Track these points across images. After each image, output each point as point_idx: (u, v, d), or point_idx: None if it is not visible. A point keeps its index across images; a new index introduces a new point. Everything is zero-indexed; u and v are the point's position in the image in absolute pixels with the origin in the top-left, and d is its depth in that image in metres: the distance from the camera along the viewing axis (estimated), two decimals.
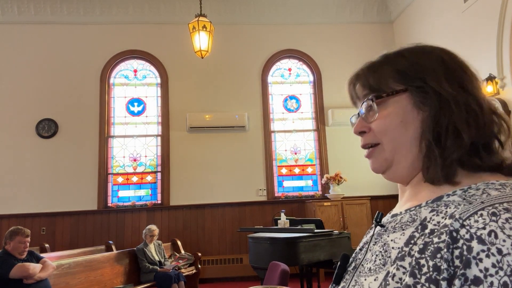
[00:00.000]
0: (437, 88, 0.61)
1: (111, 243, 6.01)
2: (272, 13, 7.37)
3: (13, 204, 6.33)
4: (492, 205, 0.51)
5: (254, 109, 7.12)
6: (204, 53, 5.43)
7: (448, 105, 0.60)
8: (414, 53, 0.66)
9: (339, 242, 4.26)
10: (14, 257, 3.44)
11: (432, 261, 0.51)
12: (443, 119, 0.60)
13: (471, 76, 0.64)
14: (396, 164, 0.65)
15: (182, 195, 6.72)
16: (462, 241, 0.49)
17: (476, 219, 0.50)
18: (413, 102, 0.62)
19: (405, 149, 0.63)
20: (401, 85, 0.64)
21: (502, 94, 4.92)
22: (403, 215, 0.64)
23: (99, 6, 7.04)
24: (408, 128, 0.62)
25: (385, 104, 0.65)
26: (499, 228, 0.48)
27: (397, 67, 0.65)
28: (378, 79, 0.66)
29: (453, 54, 0.67)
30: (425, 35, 6.57)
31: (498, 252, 0.46)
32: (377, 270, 0.60)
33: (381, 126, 0.65)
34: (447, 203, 0.57)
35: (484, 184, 0.57)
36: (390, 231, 0.63)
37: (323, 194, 6.89)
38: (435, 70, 0.63)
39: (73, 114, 6.76)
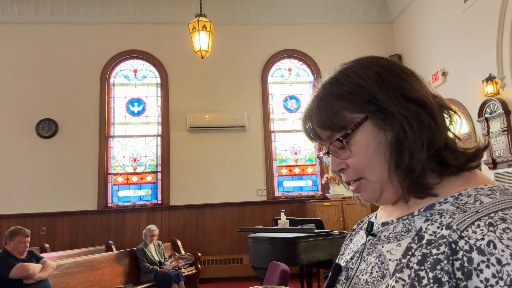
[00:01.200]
0: (390, 109, 0.60)
1: (111, 243, 6.01)
2: (272, 13, 7.37)
3: (13, 204, 6.33)
4: (487, 214, 0.51)
5: (254, 109, 7.12)
6: (204, 53, 5.43)
7: (402, 125, 0.59)
8: (349, 76, 0.64)
9: (339, 242, 4.26)
10: (14, 257, 3.44)
11: (432, 272, 0.51)
12: (400, 140, 0.59)
13: (410, 80, 0.62)
14: (385, 191, 0.63)
15: (182, 195, 6.72)
16: (462, 253, 0.50)
17: (474, 230, 0.50)
18: (378, 126, 0.61)
19: (385, 175, 0.61)
20: (357, 114, 0.62)
21: (502, 94, 4.92)
22: (395, 224, 0.63)
23: (99, 6, 7.04)
24: (381, 153, 0.61)
25: (353, 138, 0.62)
26: (497, 238, 0.48)
27: (343, 96, 0.63)
28: (333, 116, 0.63)
29: (384, 63, 0.64)
30: (425, 35, 6.57)
31: (498, 262, 0.47)
32: (375, 283, 0.59)
33: (358, 162, 0.63)
34: (440, 211, 0.57)
35: (474, 190, 0.57)
36: (384, 241, 0.63)
37: (323, 194, 6.89)
38: (378, 88, 0.61)
39: (73, 114, 6.76)
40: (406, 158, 0.58)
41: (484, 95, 5.08)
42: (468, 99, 5.48)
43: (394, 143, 0.59)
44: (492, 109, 5.04)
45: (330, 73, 0.67)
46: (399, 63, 0.66)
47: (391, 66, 0.64)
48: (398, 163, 0.59)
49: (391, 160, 0.60)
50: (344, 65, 0.66)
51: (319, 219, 5.09)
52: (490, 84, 4.98)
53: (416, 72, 0.65)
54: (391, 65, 0.64)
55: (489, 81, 4.99)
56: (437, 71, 6.07)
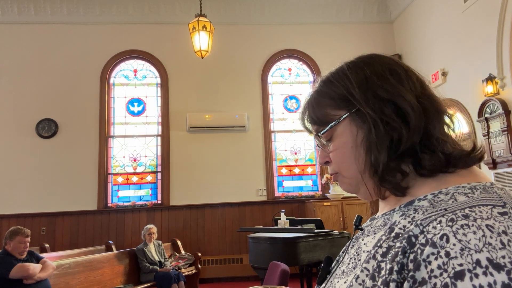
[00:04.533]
0: (361, 109, 0.62)
1: (111, 243, 6.01)
2: (272, 13, 7.37)
3: (13, 204, 6.33)
4: (453, 211, 0.51)
5: (254, 109, 7.12)
6: (204, 53, 5.43)
7: (370, 126, 0.61)
8: (339, 76, 0.67)
9: (339, 242, 4.26)
10: (14, 257, 3.44)
11: (390, 264, 0.52)
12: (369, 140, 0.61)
13: (396, 81, 0.64)
14: (361, 186, 0.66)
15: (182, 195, 6.72)
16: (417, 246, 0.50)
17: (435, 225, 0.51)
18: (355, 125, 0.64)
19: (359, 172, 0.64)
20: (340, 112, 0.65)
21: (502, 94, 4.92)
22: (379, 219, 0.65)
23: (99, 6, 7.04)
24: (358, 151, 0.64)
25: (335, 134, 0.66)
26: (452, 232, 0.48)
27: (330, 96, 0.67)
28: (319, 113, 0.68)
29: (376, 62, 0.67)
30: (425, 35, 6.57)
31: (446, 254, 0.47)
32: (348, 273, 0.61)
33: (337, 158, 0.67)
34: (417, 207, 0.58)
35: (453, 188, 0.57)
36: (365, 234, 0.65)
37: (323, 194, 6.89)
38: (358, 89, 0.63)
39: (73, 114, 6.76)
40: (372, 158, 0.61)
41: (484, 95, 5.08)
42: (468, 99, 5.48)
43: (364, 142, 0.62)
44: (492, 109, 5.04)
45: (328, 71, 0.71)
46: (393, 62, 0.67)
47: (381, 66, 0.66)
48: (366, 162, 0.62)
49: (364, 159, 0.63)
50: (342, 63, 0.70)
51: (319, 219, 5.09)
52: (490, 84, 4.99)
53: (411, 69, 0.66)
54: (381, 65, 0.66)
55: (489, 81, 4.99)
56: (437, 71, 6.07)
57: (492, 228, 0.47)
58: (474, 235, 0.47)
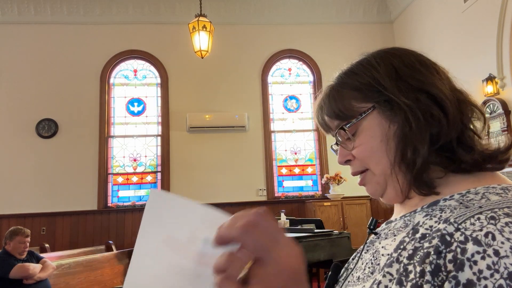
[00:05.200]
0: (396, 99, 0.58)
1: (111, 243, 6.00)
2: (272, 13, 7.37)
3: (13, 204, 6.33)
4: (491, 209, 0.48)
5: (254, 109, 7.11)
6: (204, 53, 5.43)
7: (407, 117, 0.57)
8: (364, 67, 0.63)
9: (339, 242, 4.26)
10: (14, 257, 3.44)
11: (420, 266, 0.48)
12: (405, 132, 0.57)
13: (426, 72, 0.61)
14: (389, 184, 0.61)
15: (182, 195, 6.59)
16: (456, 244, 0.46)
17: (473, 222, 0.47)
18: (385, 117, 0.60)
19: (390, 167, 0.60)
20: (366, 104, 0.61)
21: (502, 94, 4.92)
22: (397, 221, 0.61)
23: (99, 6, 7.04)
24: (388, 145, 0.59)
25: (360, 128, 0.62)
26: (498, 230, 0.44)
27: (354, 86, 0.62)
28: (342, 106, 0.63)
29: (402, 53, 0.63)
30: (425, 35, 6.57)
31: (495, 253, 0.43)
32: (365, 279, 0.57)
33: (363, 153, 0.62)
34: (443, 207, 0.54)
35: (484, 188, 0.53)
36: (383, 238, 0.61)
37: (323, 194, 6.88)
38: (388, 79, 0.60)
39: (73, 114, 6.76)
40: (409, 152, 0.57)
41: (484, 95, 5.08)
42: None
43: (399, 135, 0.58)
44: (492, 109, 5.04)
45: (349, 64, 0.67)
46: (419, 54, 0.64)
47: (408, 56, 0.63)
48: (402, 156, 0.57)
49: (396, 152, 0.58)
50: (362, 55, 0.66)
51: (319, 219, 5.09)
52: (490, 84, 4.99)
53: (438, 64, 0.64)
54: (408, 56, 0.63)
55: (489, 81, 4.99)
56: None
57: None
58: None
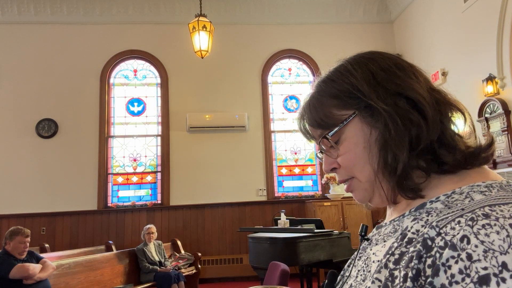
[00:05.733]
0: (374, 105, 0.58)
1: (111, 243, 6.01)
2: (272, 13, 7.37)
3: (13, 204, 6.33)
4: (472, 211, 0.47)
5: (254, 109, 7.11)
6: (204, 53, 5.43)
7: (386, 123, 0.57)
8: (341, 73, 0.62)
9: (339, 242, 4.26)
10: (14, 257, 3.44)
11: (404, 271, 0.48)
12: (385, 139, 0.57)
13: (403, 75, 0.60)
14: (376, 190, 0.61)
15: (182, 195, 6.72)
16: (436, 249, 0.46)
17: (453, 226, 0.47)
18: (366, 123, 0.59)
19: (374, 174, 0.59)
20: (346, 111, 0.60)
21: (502, 94, 4.92)
22: (387, 226, 0.61)
23: (99, 6, 7.04)
24: (371, 151, 0.59)
25: (342, 136, 0.61)
26: (473, 234, 0.44)
27: (333, 94, 0.62)
28: (323, 114, 0.62)
29: (378, 58, 0.63)
30: (425, 35, 6.57)
31: (468, 257, 0.42)
32: (357, 286, 0.57)
33: (347, 161, 0.61)
34: (429, 210, 0.54)
35: (468, 187, 0.53)
36: (374, 243, 0.61)
37: (323, 194, 6.88)
38: (367, 85, 0.59)
39: (73, 114, 6.76)
40: (389, 158, 0.56)
41: (484, 95, 5.08)
42: (468, 99, 5.47)
43: (380, 141, 0.57)
44: (492, 109, 5.04)
45: (326, 71, 0.67)
46: (396, 57, 0.63)
47: (385, 60, 0.62)
48: (384, 162, 0.57)
49: (379, 159, 0.58)
50: (339, 62, 0.65)
51: (319, 219, 5.09)
52: (490, 84, 4.99)
53: (415, 66, 0.63)
54: (384, 59, 0.62)
55: (489, 81, 4.99)
56: (437, 71, 6.07)
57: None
58: (497, 236, 0.43)
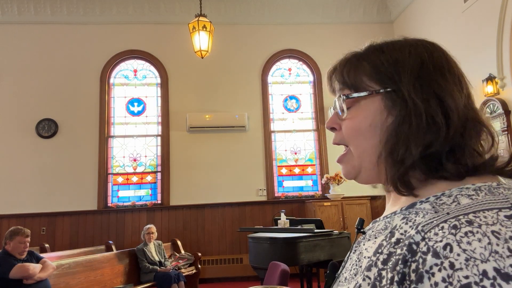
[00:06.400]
0: (406, 96, 0.57)
1: (111, 243, 6.01)
2: (272, 13, 7.37)
3: (13, 204, 6.33)
4: (455, 216, 0.48)
5: (254, 109, 7.12)
6: (204, 53, 5.43)
7: (409, 115, 0.56)
8: (394, 49, 0.62)
9: (339, 242, 4.26)
10: (14, 257, 3.44)
11: (391, 273, 0.49)
12: (402, 129, 0.56)
13: (450, 79, 0.59)
14: (363, 170, 0.62)
15: (182, 195, 6.72)
16: (419, 254, 0.47)
17: (437, 231, 0.47)
18: (385, 105, 0.59)
19: (369, 154, 0.60)
20: (375, 85, 0.60)
21: (502, 94, 4.92)
22: (380, 221, 0.61)
23: (99, 6, 7.04)
24: (375, 133, 0.59)
25: (357, 104, 0.61)
26: (456, 241, 0.45)
27: (374, 64, 0.61)
28: (354, 75, 0.62)
29: (436, 51, 0.62)
30: (425, 35, 6.51)
31: (450, 266, 0.43)
32: (350, 280, 0.58)
33: (349, 129, 0.62)
34: (418, 210, 0.54)
35: (457, 190, 0.53)
36: (367, 239, 0.61)
37: (323, 194, 6.89)
38: (410, 72, 0.58)
39: (73, 114, 6.76)
40: (401, 149, 0.56)
41: (484, 95, 5.08)
42: None
43: (392, 129, 0.57)
44: (492, 109, 5.04)
45: (384, 39, 0.66)
46: (452, 59, 0.62)
47: (440, 59, 0.61)
48: (392, 151, 0.57)
49: (385, 145, 0.58)
50: (400, 37, 0.65)
51: (319, 219, 5.09)
52: (490, 84, 4.99)
53: (465, 77, 0.62)
54: (441, 58, 0.61)
55: (489, 81, 4.99)
56: None
57: (498, 234, 0.44)
58: (479, 243, 0.43)
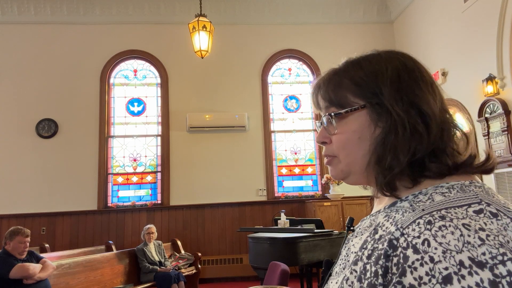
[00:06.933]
0: (390, 107, 0.61)
1: (111, 243, 6.01)
2: (272, 13, 7.37)
3: (13, 204, 6.33)
4: (429, 213, 0.52)
5: (254, 109, 7.12)
6: (204, 53, 5.43)
7: (395, 126, 0.60)
8: (371, 64, 0.65)
9: (339, 242, 4.26)
10: (14, 257, 3.44)
11: (375, 267, 0.53)
12: (388, 139, 0.60)
13: (425, 89, 0.63)
14: (352, 175, 0.67)
15: (182, 195, 6.72)
16: (400, 249, 0.51)
17: (414, 227, 0.52)
18: (371, 118, 0.63)
19: (359, 163, 0.64)
20: (360, 100, 0.64)
21: (502, 94, 4.92)
22: (366, 219, 0.66)
23: (99, 6, 7.04)
24: (365, 144, 0.63)
25: (345, 119, 0.65)
26: (432, 236, 0.49)
27: (355, 80, 0.65)
28: (338, 93, 0.66)
29: (408, 62, 0.65)
30: (425, 35, 6.57)
31: (431, 260, 0.47)
32: (339, 273, 0.63)
33: (340, 142, 0.66)
34: (398, 208, 0.59)
35: (432, 188, 0.58)
36: (354, 235, 0.66)
37: (323, 194, 6.89)
38: (390, 85, 0.62)
39: (73, 114, 6.76)
40: (389, 157, 0.60)
41: (484, 95, 5.08)
42: (468, 99, 5.48)
43: (381, 139, 0.61)
44: (492, 109, 5.04)
45: (359, 54, 0.69)
46: (424, 69, 0.66)
47: (414, 69, 0.65)
48: (380, 159, 0.61)
49: (372, 154, 0.62)
50: (374, 51, 0.68)
51: (319, 219, 5.09)
52: (490, 84, 4.99)
53: (436, 83, 0.66)
54: (414, 68, 0.65)
55: (489, 81, 4.99)
56: (437, 71, 6.07)
57: (468, 226, 0.48)
58: (452, 236, 0.48)
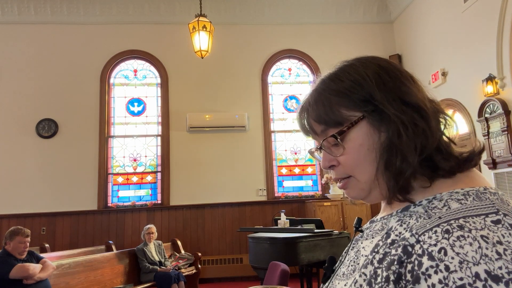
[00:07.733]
0: (386, 111, 0.60)
1: (111, 243, 6.01)
2: (272, 13, 7.37)
3: (13, 204, 6.33)
4: (447, 221, 0.51)
5: (254, 109, 7.12)
6: (204, 53, 5.43)
7: (397, 128, 0.59)
8: (350, 74, 0.63)
9: (339, 242, 4.26)
10: (14, 257, 3.44)
11: (386, 272, 0.52)
12: (394, 142, 0.59)
13: (408, 84, 0.62)
14: (373, 190, 0.63)
15: (182, 195, 6.72)
16: (415, 256, 0.50)
17: (430, 235, 0.51)
18: (373, 127, 0.61)
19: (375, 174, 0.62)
20: (356, 112, 0.62)
21: (502, 94, 4.92)
22: (377, 222, 0.65)
23: (99, 6, 7.04)
24: (375, 154, 0.61)
25: (348, 136, 0.62)
26: (450, 245, 0.48)
27: (342, 93, 0.62)
28: (331, 112, 0.63)
29: (381, 62, 0.65)
30: (425, 35, 6.57)
31: (446, 268, 0.47)
32: (348, 275, 0.62)
33: (350, 161, 0.63)
34: (412, 213, 0.58)
35: (447, 194, 0.57)
36: (364, 237, 0.65)
37: (323, 194, 6.89)
38: (378, 89, 0.61)
39: (73, 114, 6.76)
40: (397, 161, 0.58)
41: (484, 95, 5.08)
42: (468, 99, 5.48)
43: (387, 144, 0.59)
44: (492, 109, 5.04)
45: (330, 70, 0.67)
46: (399, 66, 0.66)
47: (391, 68, 0.64)
48: (388, 165, 0.59)
49: (381, 161, 0.60)
50: (344, 62, 0.66)
51: (319, 219, 5.09)
52: (490, 84, 4.99)
53: (414, 76, 0.66)
54: (390, 67, 0.64)
55: (489, 81, 4.99)
56: (437, 71, 6.07)
57: (487, 238, 0.47)
58: (470, 247, 0.47)
